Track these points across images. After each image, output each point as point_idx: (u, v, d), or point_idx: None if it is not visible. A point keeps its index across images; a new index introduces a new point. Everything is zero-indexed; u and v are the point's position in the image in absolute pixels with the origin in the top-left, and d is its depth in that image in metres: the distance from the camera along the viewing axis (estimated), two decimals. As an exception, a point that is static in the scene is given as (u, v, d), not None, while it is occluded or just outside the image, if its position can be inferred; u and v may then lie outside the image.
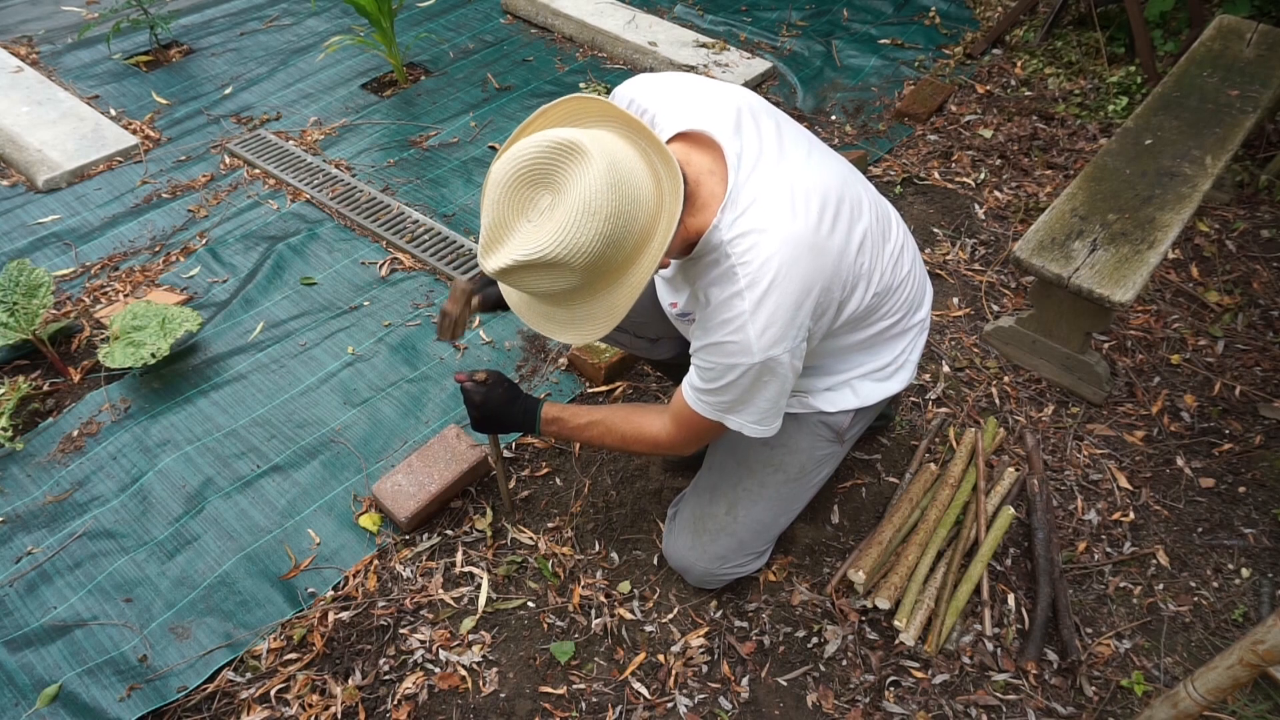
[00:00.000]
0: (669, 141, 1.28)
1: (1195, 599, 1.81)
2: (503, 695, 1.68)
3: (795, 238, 1.22)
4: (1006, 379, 2.27)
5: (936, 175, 2.94)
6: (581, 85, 3.37)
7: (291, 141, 3.12)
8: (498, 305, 1.64)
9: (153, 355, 2.15)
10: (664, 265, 1.29)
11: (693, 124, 1.26)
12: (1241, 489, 2.01)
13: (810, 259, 1.23)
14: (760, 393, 1.32)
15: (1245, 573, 1.85)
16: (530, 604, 1.82)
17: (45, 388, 2.27)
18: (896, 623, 1.72)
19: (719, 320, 1.26)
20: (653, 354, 1.86)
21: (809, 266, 1.23)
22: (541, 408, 1.60)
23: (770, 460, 1.64)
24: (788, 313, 1.23)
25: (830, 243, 1.26)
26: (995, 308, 2.47)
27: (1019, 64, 3.48)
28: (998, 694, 1.66)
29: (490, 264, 1.10)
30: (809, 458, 1.65)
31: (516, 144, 1.10)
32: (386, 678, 1.71)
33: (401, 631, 1.77)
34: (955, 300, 2.49)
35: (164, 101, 3.31)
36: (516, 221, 1.09)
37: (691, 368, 1.38)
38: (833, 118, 3.23)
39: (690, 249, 1.28)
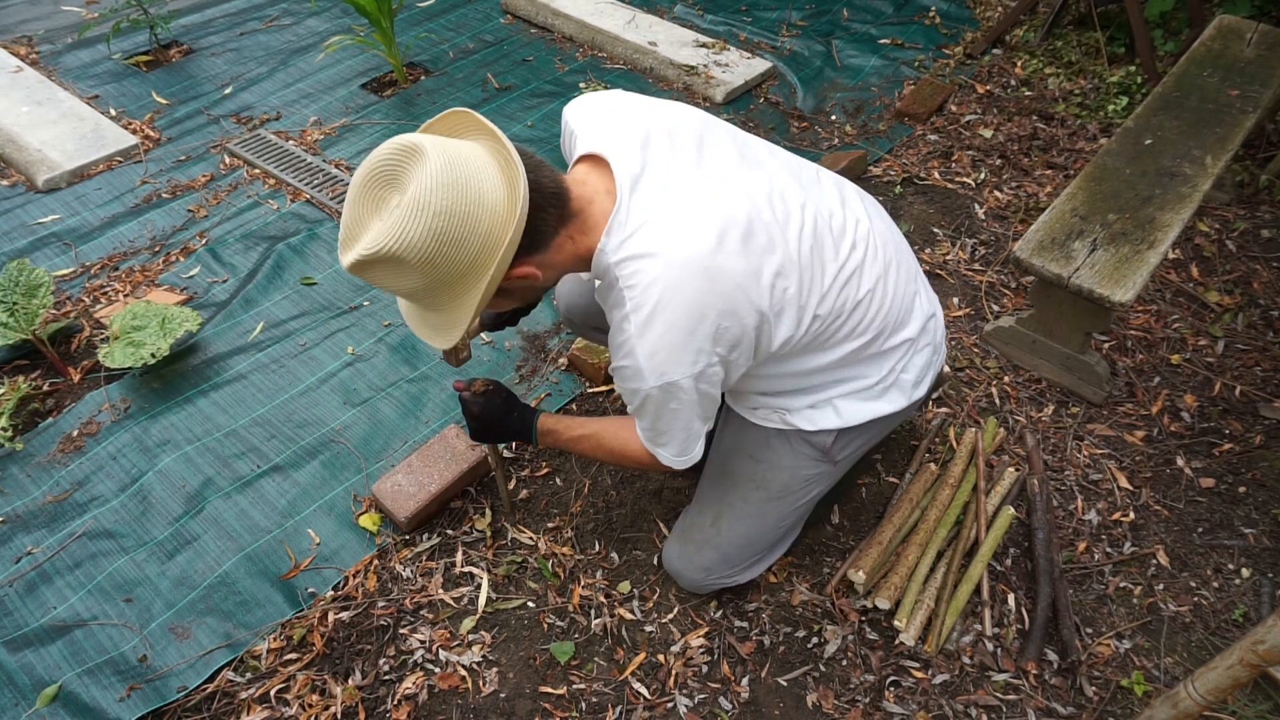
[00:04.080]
0: (576, 162, 1.32)
1: (1195, 599, 1.81)
2: (503, 695, 1.68)
3: (684, 261, 1.19)
4: (1006, 379, 2.27)
5: (936, 175, 2.94)
6: (581, 85, 3.37)
7: (291, 141, 3.12)
8: (494, 326, 1.65)
9: (153, 355, 2.15)
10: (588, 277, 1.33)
11: (594, 147, 1.28)
12: (1241, 489, 2.01)
13: (701, 283, 1.19)
14: (673, 420, 1.32)
15: (1245, 573, 1.85)
16: (530, 604, 1.82)
17: (45, 388, 2.27)
18: (896, 623, 1.72)
19: (615, 344, 1.27)
20: None
21: (698, 290, 1.19)
22: (538, 419, 1.60)
23: (754, 475, 1.61)
24: (678, 337, 1.20)
25: (730, 265, 1.21)
26: (995, 308, 2.47)
27: (1019, 64, 3.48)
28: (998, 694, 1.66)
29: (343, 260, 1.15)
30: (793, 476, 1.60)
31: (375, 149, 1.15)
32: (386, 678, 1.71)
33: (401, 631, 1.77)
34: (955, 300, 2.49)
35: (164, 101, 3.31)
36: (369, 220, 1.13)
37: None
38: (833, 118, 3.23)
39: (587, 267, 1.30)
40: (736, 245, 1.22)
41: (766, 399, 1.55)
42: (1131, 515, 1.96)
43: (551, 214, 1.20)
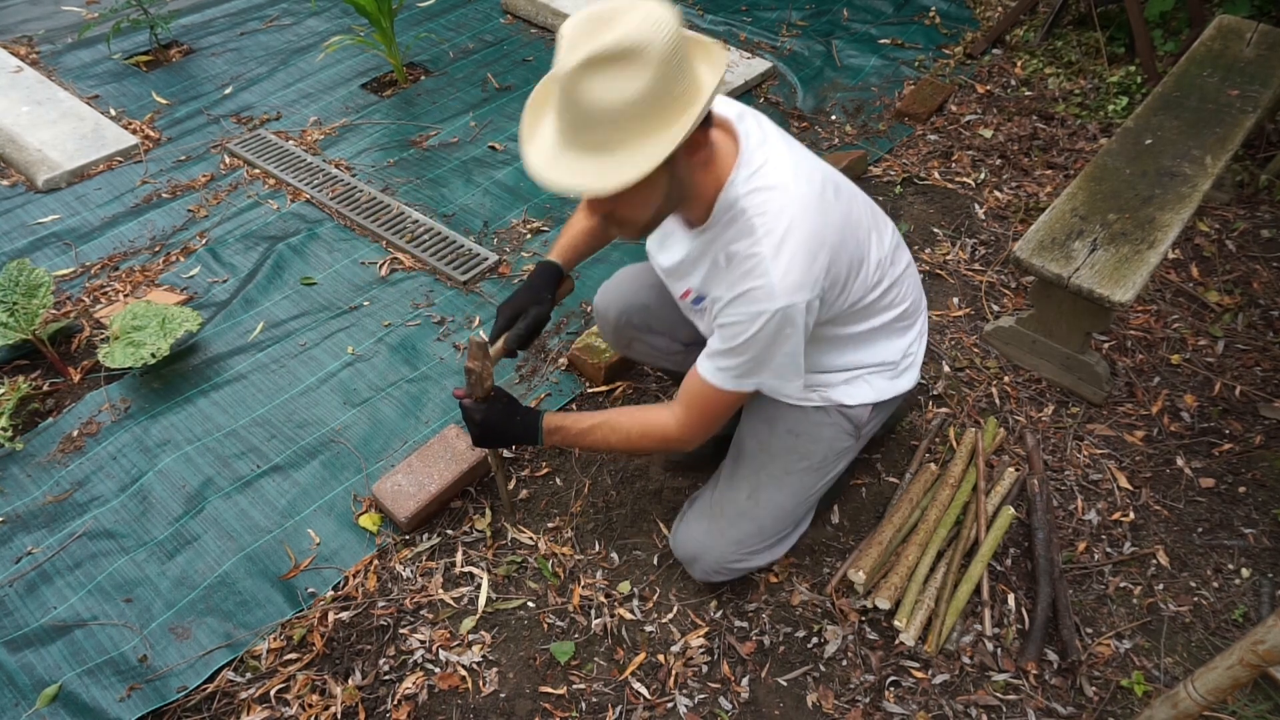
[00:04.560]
0: None
1: (1195, 599, 1.81)
2: (503, 695, 1.68)
3: (803, 197, 1.32)
4: (1006, 379, 2.27)
5: (936, 175, 2.94)
6: (581, 85, 3.37)
7: (291, 141, 3.12)
8: (514, 351, 1.66)
9: (153, 355, 2.15)
10: (697, 223, 1.39)
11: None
12: (1241, 489, 2.01)
13: (819, 216, 1.33)
14: (779, 348, 1.37)
15: (1245, 573, 1.85)
16: (530, 604, 1.82)
17: (45, 388, 2.27)
18: (896, 623, 1.72)
19: (742, 271, 1.33)
20: (685, 365, 1.87)
21: (818, 222, 1.33)
22: (542, 419, 1.59)
23: (795, 448, 1.69)
24: (805, 259, 1.31)
25: (834, 208, 1.38)
26: (995, 308, 2.47)
27: (1019, 64, 3.48)
28: (998, 694, 1.66)
29: (570, 60, 1.12)
30: (830, 449, 1.70)
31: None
32: (386, 678, 1.71)
33: (401, 631, 1.77)
34: (955, 300, 2.49)
35: (164, 101, 3.31)
36: (590, 38, 1.12)
37: (712, 338, 1.42)
38: (833, 118, 3.22)
39: (707, 213, 1.36)
40: (834, 194, 1.40)
41: (807, 376, 1.63)
42: (1131, 515, 1.96)
43: (706, 121, 1.24)
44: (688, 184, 1.31)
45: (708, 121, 1.24)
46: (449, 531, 1.95)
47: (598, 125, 1.16)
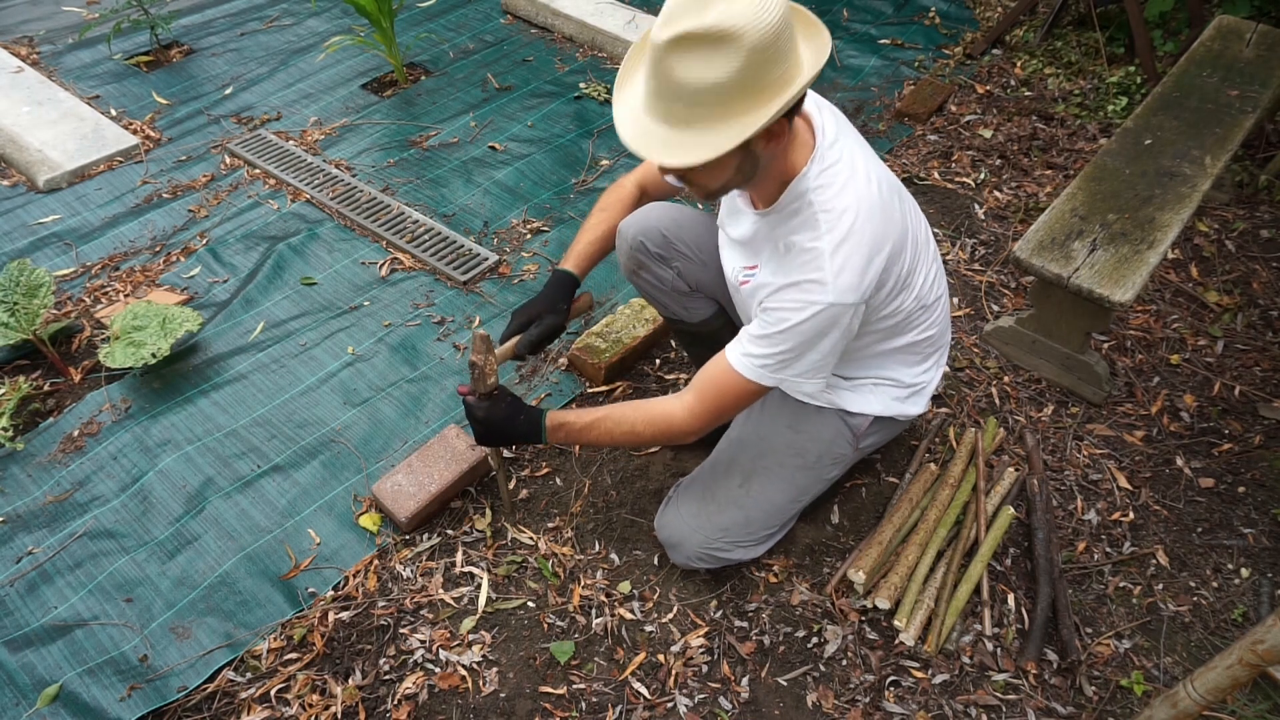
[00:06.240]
0: None
1: (1195, 599, 1.81)
2: (503, 695, 1.69)
3: (869, 200, 1.34)
4: (1006, 379, 2.27)
5: (936, 175, 2.94)
6: (581, 85, 3.37)
7: (292, 141, 3.12)
8: (523, 355, 1.67)
9: (153, 355, 2.15)
10: (762, 205, 1.42)
11: None
12: (1241, 489, 2.01)
13: (881, 221, 1.34)
14: (818, 344, 1.38)
15: (1245, 573, 1.85)
16: (530, 604, 1.82)
17: (46, 388, 2.27)
18: (896, 623, 1.72)
19: (800, 262, 1.34)
20: (687, 312, 1.86)
21: (880, 226, 1.34)
22: (545, 417, 1.59)
23: (794, 444, 1.70)
24: (862, 260, 1.32)
25: (897, 218, 1.39)
26: (995, 308, 2.47)
27: (1019, 64, 3.48)
28: (998, 694, 1.67)
29: (664, 33, 1.12)
30: (827, 451, 1.71)
31: None
32: (386, 678, 1.71)
33: (401, 631, 1.78)
34: (955, 300, 2.49)
35: (164, 101, 3.31)
36: (696, 13, 1.11)
37: (751, 325, 1.43)
38: (833, 118, 3.22)
39: (774, 198, 1.38)
40: (897, 204, 1.42)
41: None
42: (1131, 515, 1.96)
43: (794, 109, 1.24)
44: (762, 165, 1.31)
45: (794, 109, 1.24)
46: (449, 531, 1.95)
47: (680, 100, 1.16)
